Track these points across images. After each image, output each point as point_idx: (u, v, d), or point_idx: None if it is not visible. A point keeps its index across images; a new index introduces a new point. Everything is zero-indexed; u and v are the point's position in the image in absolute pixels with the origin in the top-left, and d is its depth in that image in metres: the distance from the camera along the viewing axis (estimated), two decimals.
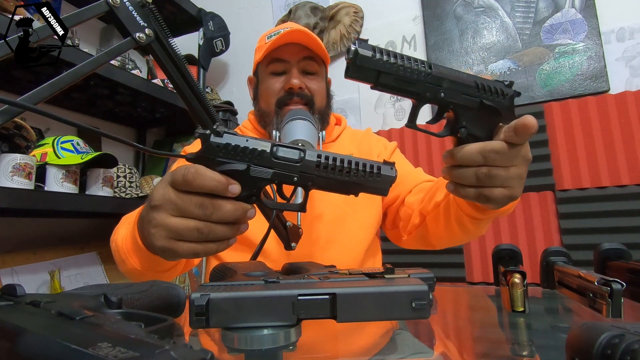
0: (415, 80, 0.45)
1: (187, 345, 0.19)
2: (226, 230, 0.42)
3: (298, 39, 0.80)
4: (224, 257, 0.79)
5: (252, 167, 0.41)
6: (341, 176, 0.43)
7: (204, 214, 0.40)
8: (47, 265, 1.18)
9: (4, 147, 1.00)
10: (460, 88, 0.46)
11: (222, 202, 0.41)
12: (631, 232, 1.13)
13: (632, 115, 1.18)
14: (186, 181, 0.40)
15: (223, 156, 0.41)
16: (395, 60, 0.43)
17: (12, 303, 0.29)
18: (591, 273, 0.44)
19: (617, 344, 0.21)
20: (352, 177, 0.43)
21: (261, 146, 0.42)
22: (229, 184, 0.40)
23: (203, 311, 0.32)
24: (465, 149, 0.47)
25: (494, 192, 0.47)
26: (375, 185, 0.44)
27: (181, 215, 0.41)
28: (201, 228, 0.41)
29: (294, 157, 0.42)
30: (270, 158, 0.42)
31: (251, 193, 0.43)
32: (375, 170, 0.44)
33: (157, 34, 0.43)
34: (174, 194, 0.41)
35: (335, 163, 0.43)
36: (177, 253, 0.42)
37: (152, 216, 0.42)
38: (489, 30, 1.44)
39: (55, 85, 0.39)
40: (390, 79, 0.44)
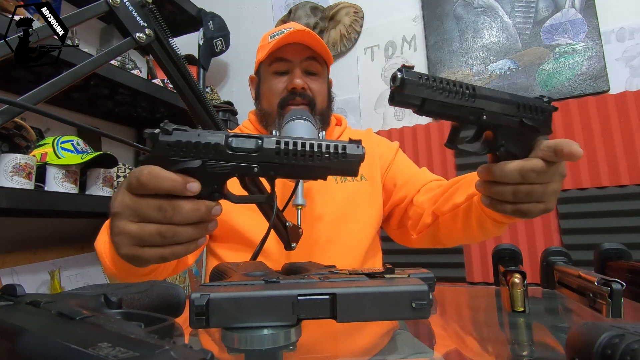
0: (459, 105, 0.44)
1: (187, 345, 0.19)
2: (191, 231, 0.40)
3: (302, 39, 0.80)
4: (224, 257, 0.79)
5: (208, 162, 0.39)
6: (304, 161, 0.40)
7: (164, 217, 0.38)
8: (47, 265, 1.18)
9: (4, 147, 1.00)
10: (502, 110, 0.46)
11: (182, 202, 0.39)
12: (631, 232, 1.13)
13: (632, 115, 1.18)
14: (141, 184, 0.38)
15: (175, 154, 0.39)
16: (441, 85, 0.43)
17: (12, 303, 0.29)
18: (591, 273, 0.44)
19: (617, 344, 0.21)
20: (317, 161, 0.40)
21: (215, 139, 0.39)
22: (186, 182, 0.38)
23: (203, 311, 0.32)
24: (504, 167, 0.46)
25: (530, 207, 0.48)
26: (343, 166, 0.41)
27: (141, 220, 0.39)
28: (163, 232, 0.39)
29: (251, 147, 0.40)
30: (226, 151, 0.39)
31: (213, 189, 0.41)
32: (341, 151, 0.41)
33: (157, 34, 0.43)
34: (131, 199, 0.39)
35: (297, 148, 0.40)
36: (143, 259, 0.41)
37: (114, 224, 0.41)
38: (489, 30, 1.44)
39: (55, 85, 0.39)
40: (435, 106, 0.43)
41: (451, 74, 1.47)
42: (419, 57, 1.54)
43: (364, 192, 0.84)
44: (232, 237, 0.78)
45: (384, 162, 0.89)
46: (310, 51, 0.82)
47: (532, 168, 0.45)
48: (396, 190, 0.85)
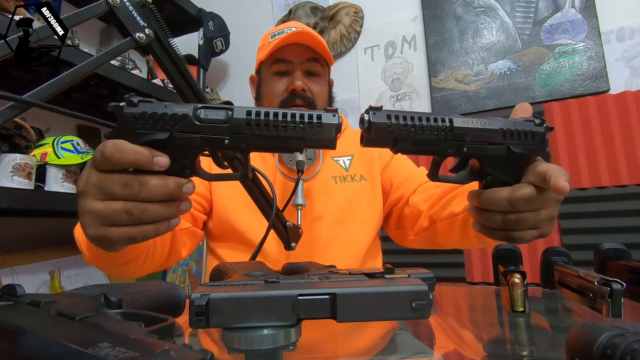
0: (435, 140, 0.41)
1: (187, 345, 0.19)
2: (161, 208, 0.38)
3: (303, 40, 0.80)
4: (224, 257, 0.79)
5: (176, 134, 0.37)
6: (277, 132, 0.38)
7: (130, 192, 0.36)
8: (47, 265, 1.18)
9: (4, 147, 1.00)
10: (486, 139, 0.43)
11: (149, 177, 0.37)
12: (631, 232, 1.13)
13: (632, 115, 1.18)
14: (105, 158, 0.35)
15: (141, 127, 0.37)
16: (412, 123, 0.40)
17: (12, 303, 0.29)
18: (591, 273, 0.44)
19: (617, 344, 0.21)
20: (290, 132, 0.38)
21: (182, 110, 0.37)
22: (153, 156, 0.36)
23: (203, 311, 0.32)
24: (492, 195, 0.43)
25: (522, 234, 0.45)
26: (319, 136, 0.38)
27: (107, 198, 0.37)
28: (130, 209, 0.36)
29: (221, 118, 0.38)
30: (194, 122, 0.37)
31: (183, 165, 0.38)
32: (315, 120, 0.38)
33: (157, 34, 0.43)
34: (96, 175, 0.37)
35: (269, 118, 0.38)
36: (111, 240, 0.38)
37: (80, 203, 0.38)
38: (489, 30, 1.44)
39: (55, 85, 0.39)
40: (409, 144, 0.41)
41: (451, 73, 1.47)
42: (419, 57, 1.54)
43: (364, 192, 0.84)
44: (232, 237, 0.78)
45: (382, 161, 0.88)
46: (312, 52, 0.82)
47: (521, 197, 0.42)
48: (393, 190, 0.85)
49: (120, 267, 0.58)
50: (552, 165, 0.42)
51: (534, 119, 0.44)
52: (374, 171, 0.87)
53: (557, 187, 0.39)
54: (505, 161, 0.43)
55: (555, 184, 0.39)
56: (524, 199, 0.42)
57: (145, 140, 0.37)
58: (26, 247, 1.17)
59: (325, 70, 0.86)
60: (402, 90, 1.55)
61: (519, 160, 0.44)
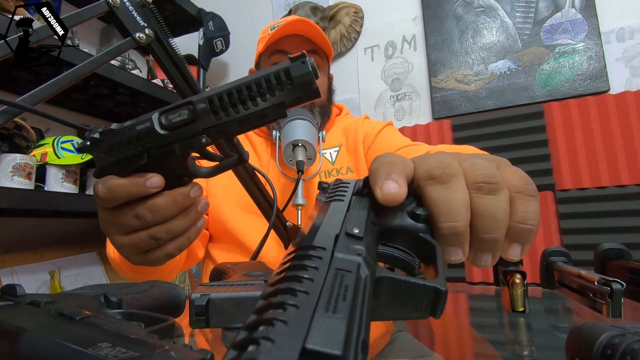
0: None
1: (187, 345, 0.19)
2: (182, 222, 0.38)
3: (301, 29, 0.79)
4: (217, 259, 0.79)
5: (152, 152, 0.35)
6: (250, 109, 0.33)
7: (145, 222, 0.36)
8: (47, 265, 1.18)
9: (4, 147, 1.00)
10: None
11: (156, 200, 0.36)
12: (631, 232, 1.13)
13: (632, 115, 1.18)
14: (104, 201, 0.36)
15: (117, 157, 0.35)
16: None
17: (12, 303, 0.29)
18: (591, 273, 0.44)
19: (617, 344, 0.21)
20: (262, 103, 0.33)
21: (144, 125, 0.34)
22: (145, 180, 0.35)
23: (203, 311, 0.32)
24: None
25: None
26: (297, 94, 0.33)
27: (128, 231, 0.38)
28: (154, 234, 0.37)
29: (185, 118, 0.34)
30: (161, 133, 0.34)
31: (177, 175, 0.37)
32: (284, 78, 0.33)
33: (157, 34, 0.43)
34: (108, 214, 0.38)
35: (233, 97, 0.33)
36: (155, 261, 0.40)
37: (111, 240, 0.40)
38: (489, 30, 1.44)
39: (55, 85, 0.39)
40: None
41: (451, 73, 1.47)
42: (419, 57, 1.54)
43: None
44: (224, 238, 0.78)
45: (367, 142, 0.83)
46: (311, 44, 0.81)
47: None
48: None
49: (164, 273, 0.60)
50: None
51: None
52: (360, 161, 0.83)
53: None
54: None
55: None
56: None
57: (130, 170, 0.35)
58: (26, 247, 1.17)
59: (325, 62, 0.86)
60: (402, 90, 1.55)
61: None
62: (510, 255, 0.24)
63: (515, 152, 1.29)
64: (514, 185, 0.24)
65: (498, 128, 1.33)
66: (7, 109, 0.37)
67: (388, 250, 0.23)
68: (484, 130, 1.34)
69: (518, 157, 1.28)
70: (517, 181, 0.24)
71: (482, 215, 0.23)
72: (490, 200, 0.23)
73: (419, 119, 1.51)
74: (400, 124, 1.53)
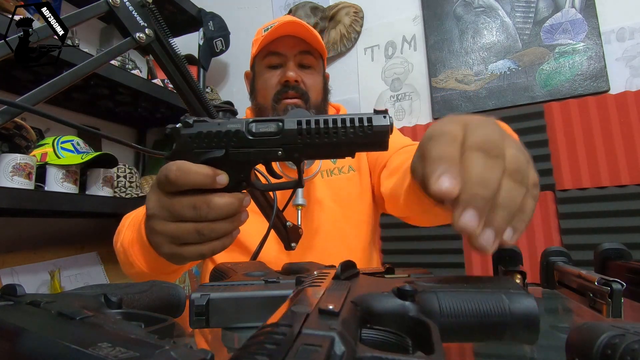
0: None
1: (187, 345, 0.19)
2: (227, 224, 0.40)
3: (294, 31, 0.79)
4: (217, 259, 0.79)
5: (231, 150, 0.39)
6: (329, 139, 0.38)
7: (199, 215, 0.38)
8: (47, 265, 1.18)
9: (4, 147, 1.00)
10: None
11: (215, 198, 0.39)
12: (631, 232, 1.13)
13: (632, 115, 1.18)
14: (171, 181, 0.37)
15: (198, 146, 0.39)
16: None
17: (12, 303, 0.29)
18: (591, 273, 0.44)
19: (617, 344, 0.21)
20: (341, 137, 0.38)
21: (235, 126, 0.39)
22: (215, 175, 0.38)
23: (203, 311, 0.32)
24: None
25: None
26: (370, 140, 0.38)
27: (177, 220, 0.39)
28: (201, 229, 0.39)
29: (272, 130, 0.39)
30: (247, 137, 0.38)
31: (239, 179, 0.40)
32: (366, 124, 0.38)
33: (157, 34, 0.43)
34: (165, 198, 0.39)
35: (319, 126, 0.38)
36: (184, 257, 0.41)
37: (151, 225, 0.41)
38: (489, 30, 1.44)
39: (55, 86, 0.39)
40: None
41: (451, 73, 1.47)
42: (419, 57, 1.54)
43: (353, 185, 0.82)
44: None
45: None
46: (304, 44, 0.81)
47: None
48: (373, 171, 0.81)
49: (165, 276, 0.60)
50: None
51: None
52: (362, 160, 0.84)
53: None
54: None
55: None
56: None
57: (204, 159, 0.39)
58: (26, 247, 1.17)
59: (319, 62, 0.86)
60: (402, 90, 1.55)
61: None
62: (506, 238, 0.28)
63: None
64: (532, 185, 0.29)
65: None
66: (7, 109, 0.37)
67: (374, 334, 0.22)
68: None
69: None
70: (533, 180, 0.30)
71: (504, 201, 0.27)
72: (518, 190, 0.27)
73: (419, 119, 1.51)
74: (400, 124, 1.53)
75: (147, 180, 1.47)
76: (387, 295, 0.24)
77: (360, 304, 0.23)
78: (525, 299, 0.25)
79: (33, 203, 0.98)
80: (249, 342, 0.15)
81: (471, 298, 0.25)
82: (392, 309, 0.24)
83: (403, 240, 1.40)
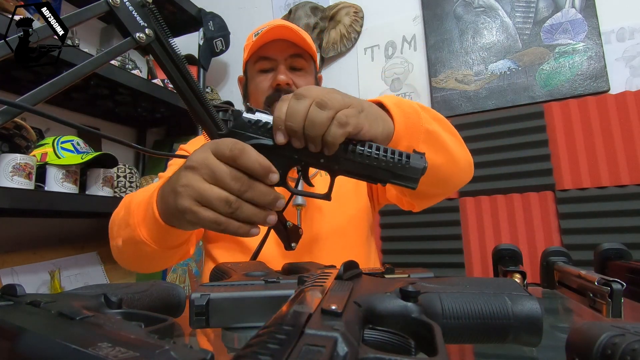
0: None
1: (187, 345, 0.19)
2: (255, 212, 0.41)
3: (284, 35, 0.79)
4: (218, 258, 0.79)
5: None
6: (369, 160, 0.42)
7: (238, 188, 0.40)
8: (47, 265, 1.18)
9: (4, 147, 1.00)
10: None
11: (258, 182, 0.40)
12: (631, 232, 1.13)
13: (632, 115, 1.18)
14: (232, 155, 0.39)
15: (252, 132, 0.42)
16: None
17: (12, 303, 0.29)
18: (591, 273, 0.44)
19: (617, 344, 0.21)
20: (381, 163, 0.42)
21: None
22: (270, 171, 0.40)
23: (203, 311, 0.32)
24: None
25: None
26: (404, 173, 0.42)
27: (215, 183, 0.40)
28: (232, 201, 0.40)
29: None
30: None
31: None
32: (404, 158, 0.42)
33: (157, 34, 0.43)
34: (214, 160, 0.40)
35: (364, 147, 0.42)
36: (199, 217, 0.41)
37: (185, 175, 0.41)
38: (489, 30, 1.44)
39: (55, 85, 0.39)
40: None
41: (451, 73, 1.47)
42: (419, 57, 1.54)
43: (347, 181, 0.83)
44: (226, 238, 0.78)
45: None
46: (295, 48, 0.81)
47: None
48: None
49: (173, 250, 0.60)
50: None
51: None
52: None
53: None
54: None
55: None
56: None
57: (253, 143, 0.41)
58: (26, 247, 1.17)
59: (311, 64, 0.86)
60: (402, 90, 1.55)
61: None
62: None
63: (515, 152, 1.29)
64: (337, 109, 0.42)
65: (498, 128, 1.33)
66: (7, 109, 0.37)
67: (377, 335, 0.22)
68: (484, 130, 1.34)
69: (518, 157, 1.28)
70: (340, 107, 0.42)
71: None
72: (319, 112, 0.40)
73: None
74: None
75: (147, 181, 1.47)
76: (390, 296, 0.24)
77: (363, 305, 0.23)
78: (528, 301, 0.25)
79: (33, 203, 0.98)
80: (251, 342, 0.15)
81: (474, 300, 0.25)
82: (395, 310, 0.24)
83: (403, 240, 1.40)
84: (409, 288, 0.24)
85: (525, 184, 1.26)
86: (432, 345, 0.20)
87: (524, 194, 1.27)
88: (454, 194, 1.36)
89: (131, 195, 0.68)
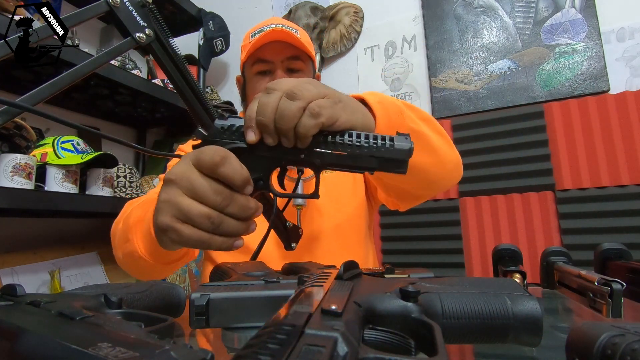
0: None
1: (187, 345, 0.19)
2: (237, 225, 0.40)
3: (280, 37, 0.79)
4: (217, 259, 0.79)
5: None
6: (351, 149, 0.39)
7: (220, 202, 0.38)
8: (47, 265, 1.18)
9: (4, 147, 1.00)
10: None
11: (238, 194, 0.39)
12: (631, 232, 1.13)
13: (632, 115, 1.18)
14: (214, 165, 0.37)
15: (227, 137, 0.41)
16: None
17: (12, 303, 0.29)
18: (591, 273, 0.44)
19: (617, 344, 0.21)
20: (363, 149, 0.39)
21: None
22: (247, 182, 0.39)
23: (203, 311, 0.32)
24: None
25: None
26: (390, 156, 0.39)
27: (195, 198, 0.38)
28: (213, 217, 0.38)
29: None
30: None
31: (258, 177, 0.41)
32: (388, 141, 0.39)
33: (157, 34, 0.43)
34: (194, 173, 0.38)
35: (343, 137, 0.39)
36: (180, 235, 0.38)
37: (164, 189, 0.39)
38: (489, 30, 1.44)
39: (55, 85, 0.39)
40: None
41: (451, 73, 1.47)
42: (419, 57, 1.54)
43: (346, 180, 0.82)
44: None
45: None
46: (292, 50, 0.81)
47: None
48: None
49: (160, 266, 0.59)
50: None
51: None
52: None
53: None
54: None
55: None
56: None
57: (229, 148, 0.40)
58: (26, 247, 1.17)
59: (308, 65, 0.85)
60: (402, 90, 1.55)
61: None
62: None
63: (515, 152, 1.29)
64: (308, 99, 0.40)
65: (498, 128, 1.33)
66: (7, 109, 0.37)
67: (377, 335, 0.22)
68: (484, 130, 1.34)
69: (518, 157, 1.28)
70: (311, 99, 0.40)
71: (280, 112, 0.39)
72: (289, 103, 0.39)
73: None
74: None
75: (146, 181, 1.47)
76: (390, 296, 0.24)
77: (363, 305, 0.23)
78: (528, 301, 0.25)
79: (33, 203, 0.98)
80: (251, 342, 0.15)
81: (474, 300, 0.25)
82: (395, 310, 0.24)
83: (403, 240, 1.40)
84: (409, 288, 0.24)
85: (525, 184, 1.26)
86: (432, 345, 0.20)
87: (524, 194, 1.27)
88: (454, 194, 1.36)
89: (132, 203, 0.68)
